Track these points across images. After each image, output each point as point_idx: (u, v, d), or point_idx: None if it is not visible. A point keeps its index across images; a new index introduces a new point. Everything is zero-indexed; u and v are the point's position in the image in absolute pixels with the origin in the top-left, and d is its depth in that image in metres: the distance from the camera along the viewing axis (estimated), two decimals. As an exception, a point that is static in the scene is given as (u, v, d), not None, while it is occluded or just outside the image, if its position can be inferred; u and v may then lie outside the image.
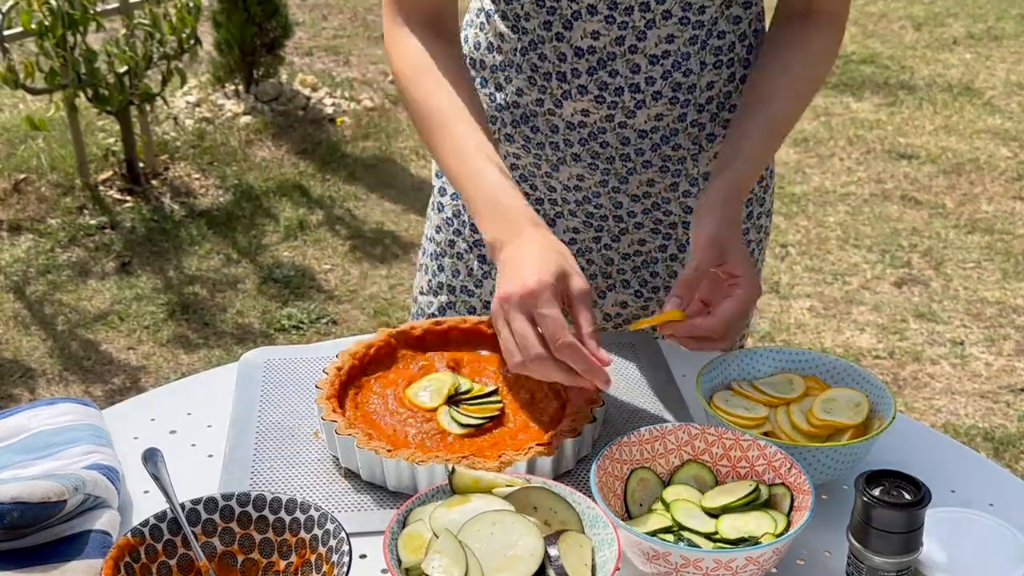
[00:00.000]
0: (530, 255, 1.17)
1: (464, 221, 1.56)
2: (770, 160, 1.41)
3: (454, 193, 1.56)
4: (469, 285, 1.58)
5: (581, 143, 1.43)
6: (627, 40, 1.35)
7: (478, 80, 1.48)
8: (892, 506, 0.95)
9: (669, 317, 1.27)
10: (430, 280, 1.63)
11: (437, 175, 1.60)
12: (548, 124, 1.44)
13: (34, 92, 4.07)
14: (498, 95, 1.46)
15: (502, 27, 1.41)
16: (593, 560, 1.01)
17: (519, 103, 1.44)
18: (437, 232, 1.60)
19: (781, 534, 1.04)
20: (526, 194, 1.51)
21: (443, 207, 1.59)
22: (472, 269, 1.57)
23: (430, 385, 1.29)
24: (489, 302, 1.56)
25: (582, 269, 1.53)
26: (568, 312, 1.17)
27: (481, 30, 1.45)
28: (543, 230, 1.23)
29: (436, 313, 1.62)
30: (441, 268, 1.61)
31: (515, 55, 1.41)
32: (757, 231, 1.57)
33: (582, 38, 1.36)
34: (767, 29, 1.43)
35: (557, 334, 1.11)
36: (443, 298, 1.61)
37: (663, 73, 1.37)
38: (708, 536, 1.06)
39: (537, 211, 1.49)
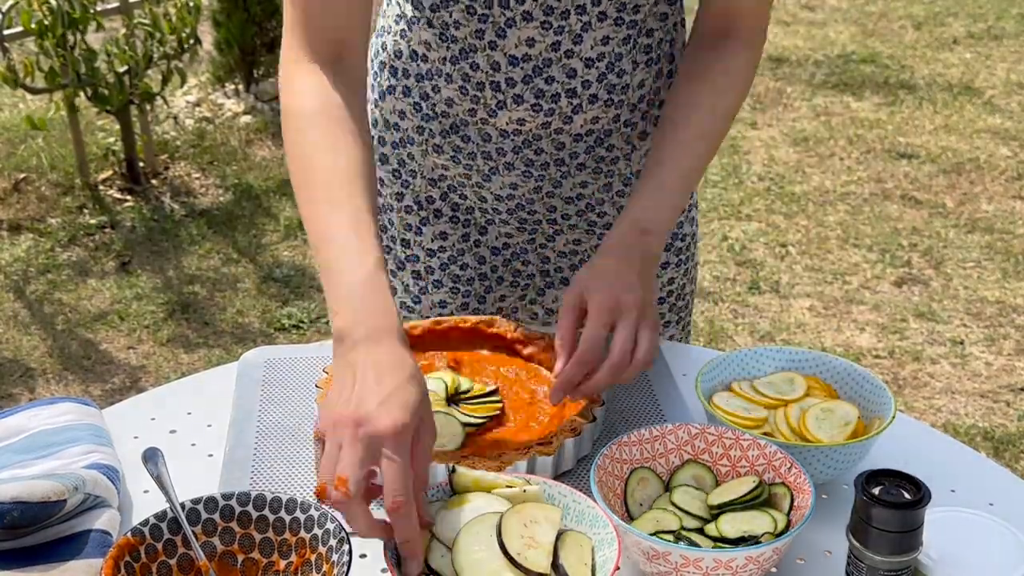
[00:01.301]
0: (390, 380, 0.99)
1: (393, 237, 1.52)
2: (695, 187, 1.35)
3: (380, 206, 1.50)
4: (407, 301, 1.55)
5: (515, 151, 1.40)
6: (563, 45, 1.31)
7: (400, 89, 1.41)
8: (892, 506, 0.95)
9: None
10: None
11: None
12: (480, 134, 1.40)
13: (34, 91, 4.07)
14: (424, 105, 1.40)
15: (427, 35, 1.35)
16: (593, 560, 1.01)
17: (449, 113, 1.39)
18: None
19: (781, 534, 1.04)
20: (456, 204, 1.49)
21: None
22: (408, 285, 1.55)
23: (430, 384, 1.29)
24: (427, 317, 1.53)
25: (518, 271, 1.54)
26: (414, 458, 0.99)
27: (402, 37, 1.38)
28: (403, 347, 1.04)
29: None
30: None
31: (444, 64, 1.35)
32: (691, 224, 1.54)
33: (516, 46, 1.31)
34: (687, 45, 1.39)
35: (399, 492, 0.94)
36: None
37: (598, 76, 1.34)
38: (708, 535, 1.06)
39: (468, 220, 1.49)
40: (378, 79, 1.45)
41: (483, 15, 1.30)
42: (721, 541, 1.05)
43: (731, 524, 1.06)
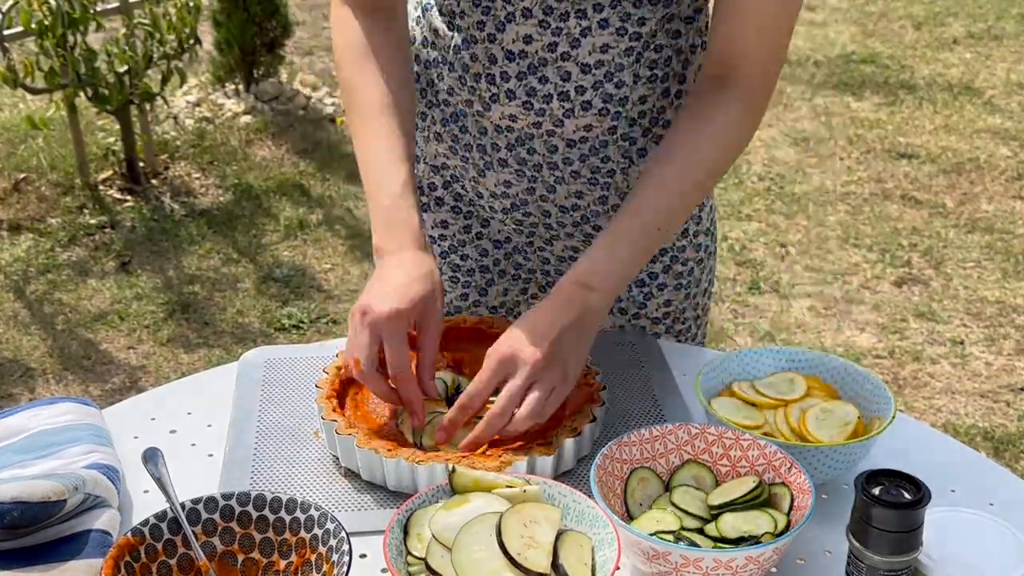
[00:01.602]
0: (399, 277, 1.22)
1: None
2: (656, 247, 1.29)
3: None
4: None
5: (508, 148, 1.40)
6: (560, 47, 1.30)
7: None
8: (892, 505, 0.95)
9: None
10: None
11: None
12: (477, 126, 1.40)
13: (34, 92, 4.07)
14: (428, 91, 1.44)
15: (438, 22, 1.38)
16: (593, 559, 1.01)
17: (449, 102, 1.41)
18: None
19: (781, 533, 1.04)
20: (458, 195, 1.50)
21: None
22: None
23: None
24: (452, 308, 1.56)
25: (519, 264, 1.55)
26: (419, 337, 1.23)
27: (417, 24, 1.42)
28: (423, 253, 1.25)
29: None
30: None
31: (448, 52, 1.38)
32: (695, 250, 1.50)
33: (514, 41, 1.31)
34: (690, 89, 1.35)
35: (396, 366, 1.18)
36: None
37: (594, 83, 1.33)
38: (708, 535, 1.06)
39: (471, 212, 1.51)
40: None
41: (486, 7, 1.31)
42: (721, 541, 1.05)
43: (731, 524, 1.06)
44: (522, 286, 1.56)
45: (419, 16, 1.42)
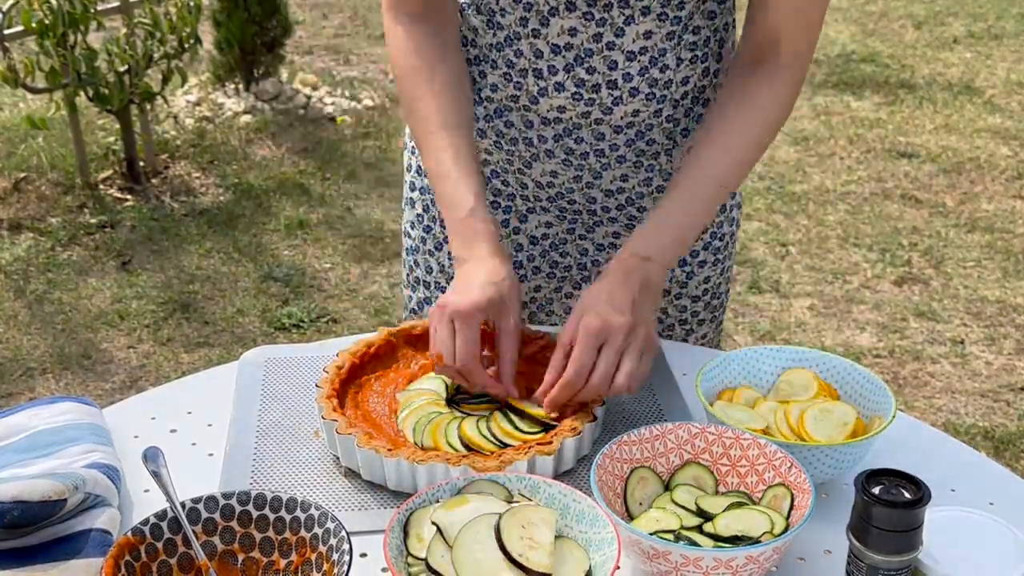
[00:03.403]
0: (478, 278, 1.25)
1: (434, 217, 1.56)
2: (705, 223, 1.34)
3: (423, 187, 1.56)
4: (442, 282, 1.58)
5: (555, 139, 1.43)
6: (605, 36, 1.33)
7: None
8: (892, 505, 0.95)
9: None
10: (407, 274, 1.63)
11: (407, 169, 1.60)
12: (523, 120, 1.43)
13: (34, 91, 4.07)
14: (471, 89, 1.44)
15: (475, 21, 1.39)
16: (589, 564, 1.01)
17: (493, 98, 1.43)
18: (411, 228, 1.60)
19: (781, 533, 1.04)
20: (498, 190, 1.51)
21: (414, 203, 1.58)
22: (444, 266, 1.57)
23: (430, 384, 1.29)
24: None
25: (555, 262, 1.55)
26: (497, 339, 1.26)
27: None
28: (500, 259, 1.28)
29: (416, 308, 1.62)
30: (416, 264, 1.61)
31: (490, 51, 1.40)
32: (730, 224, 1.56)
33: (559, 35, 1.34)
34: (729, 68, 1.39)
35: (464, 355, 1.22)
36: (420, 293, 1.61)
37: (640, 69, 1.36)
38: (707, 534, 1.06)
39: (510, 207, 1.52)
40: None
41: (528, 3, 1.33)
42: (716, 539, 1.05)
43: (726, 523, 1.06)
44: (556, 284, 1.56)
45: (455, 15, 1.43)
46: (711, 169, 1.32)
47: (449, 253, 1.54)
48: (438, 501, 1.05)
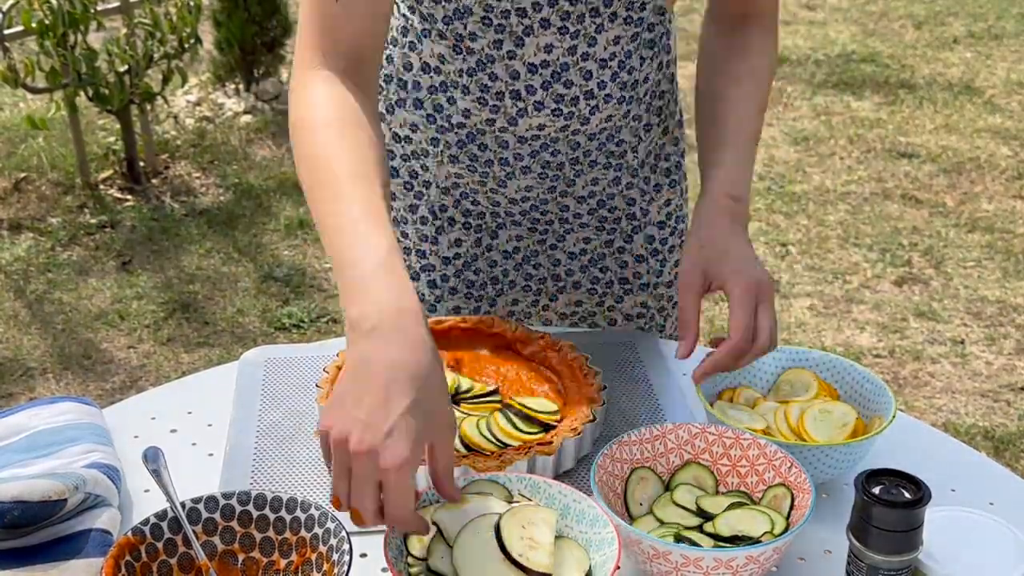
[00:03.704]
0: (401, 397, 0.95)
1: (408, 248, 1.53)
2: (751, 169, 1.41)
3: (395, 219, 1.51)
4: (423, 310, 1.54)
5: (532, 155, 1.41)
6: (579, 48, 1.32)
7: (410, 102, 1.41)
8: (892, 505, 0.95)
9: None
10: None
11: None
12: (497, 141, 1.40)
13: (35, 91, 4.07)
14: (438, 116, 1.40)
15: (440, 48, 1.34)
16: (589, 564, 1.01)
17: (465, 124, 1.39)
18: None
19: (781, 533, 1.04)
20: (467, 211, 1.49)
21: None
22: (423, 295, 1.55)
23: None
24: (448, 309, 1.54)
25: (529, 275, 1.54)
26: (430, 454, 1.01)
27: (411, 50, 1.38)
28: (419, 331, 1.00)
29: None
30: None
31: (459, 76, 1.35)
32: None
33: (535, 53, 1.32)
34: (702, 36, 1.46)
35: (397, 518, 0.96)
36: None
37: (612, 75, 1.36)
38: (707, 533, 1.06)
39: (480, 226, 1.50)
40: (384, 92, 1.44)
41: (500, 25, 1.30)
42: (716, 539, 1.05)
43: (726, 523, 1.06)
44: (533, 297, 1.56)
45: (412, 42, 1.37)
46: (748, 102, 1.39)
47: (429, 281, 1.53)
48: (438, 501, 1.05)
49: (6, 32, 3.98)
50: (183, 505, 1.04)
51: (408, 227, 1.52)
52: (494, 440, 1.19)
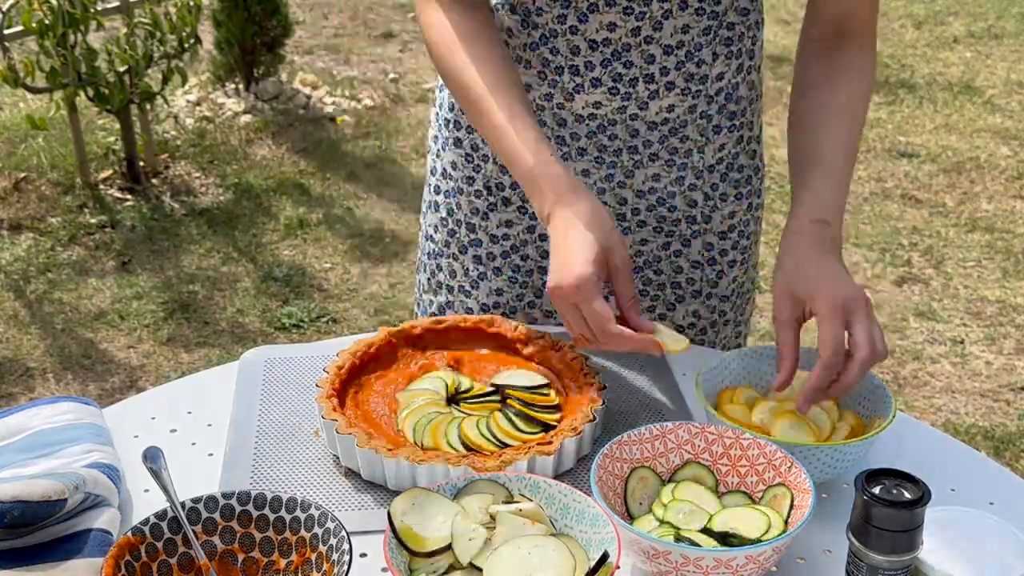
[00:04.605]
0: (572, 241, 1.21)
1: (459, 220, 1.55)
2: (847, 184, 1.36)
3: (448, 191, 1.55)
4: (466, 286, 1.57)
5: (589, 136, 1.43)
6: (643, 31, 1.35)
7: None
8: (892, 505, 0.95)
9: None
10: (429, 279, 1.62)
11: (431, 172, 1.59)
12: (556, 118, 1.43)
13: (35, 91, 4.07)
14: None
15: (509, 22, 1.40)
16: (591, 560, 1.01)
17: None
18: (435, 231, 1.59)
19: (781, 533, 1.04)
20: (524, 194, 1.48)
21: (438, 206, 1.58)
22: (468, 269, 1.56)
23: (430, 384, 1.29)
24: (485, 304, 1.56)
25: None
26: (612, 283, 1.25)
27: None
28: (579, 196, 1.24)
29: (436, 312, 1.62)
30: (439, 267, 1.60)
31: (523, 50, 1.40)
32: (756, 223, 1.56)
33: (597, 30, 1.35)
34: (799, 55, 1.42)
35: (602, 327, 1.20)
36: (442, 298, 1.60)
37: (677, 63, 1.37)
38: (707, 533, 1.06)
39: (535, 213, 1.49)
40: None
41: (566, 1, 1.33)
42: (717, 538, 1.05)
43: (725, 521, 1.06)
44: None
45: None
46: (841, 138, 1.33)
47: (475, 256, 1.55)
48: (445, 495, 1.05)
49: (6, 32, 3.98)
50: (183, 505, 1.04)
51: (462, 198, 1.53)
52: (494, 440, 1.19)
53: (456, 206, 1.55)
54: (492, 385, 1.27)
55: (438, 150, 1.56)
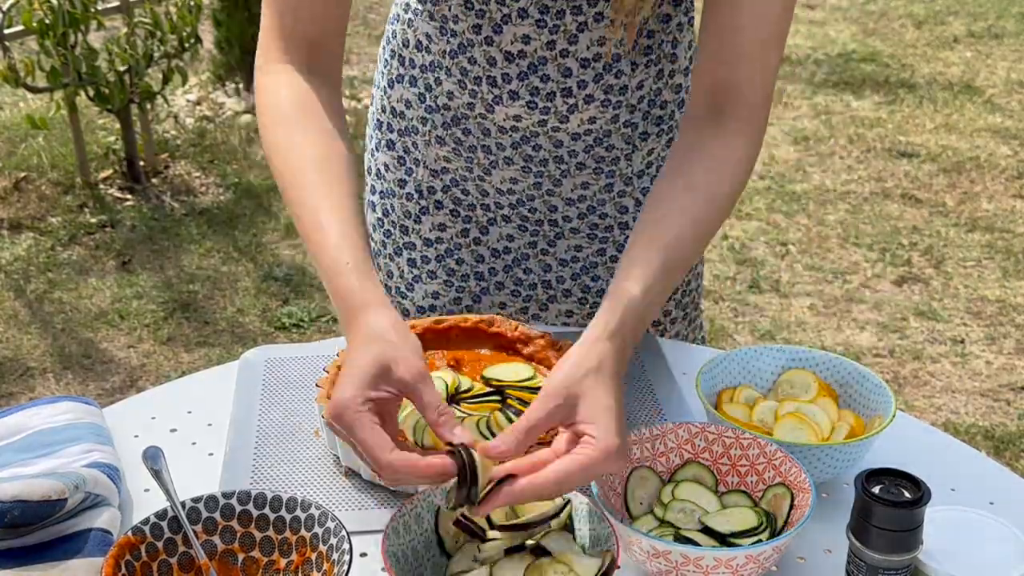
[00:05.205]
0: (348, 364, 1.03)
1: (393, 222, 1.53)
2: (664, 300, 1.15)
3: (383, 191, 1.53)
4: (402, 287, 1.56)
5: (513, 147, 1.40)
6: (558, 44, 1.31)
7: (407, 79, 1.43)
8: (892, 504, 0.95)
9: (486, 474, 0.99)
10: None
11: (368, 171, 1.57)
12: (480, 127, 1.40)
13: (35, 91, 4.07)
14: (427, 96, 1.42)
15: (428, 28, 1.37)
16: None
17: (450, 106, 1.40)
18: (372, 231, 1.58)
19: (781, 533, 1.04)
20: (458, 199, 1.48)
21: (375, 206, 1.56)
22: (403, 272, 1.55)
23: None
24: (421, 307, 1.55)
25: (519, 279, 1.52)
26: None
27: (408, 27, 1.40)
28: (367, 311, 1.07)
29: None
30: (379, 267, 1.58)
31: (444, 57, 1.37)
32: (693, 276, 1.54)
33: (512, 42, 1.32)
34: (681, 123, 1.29)
35: (373, 457, 0.98)
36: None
37: (595, 76, 1.34)
38: (707, 532, 1.06)
39: (469, 217, 1.49)
40: (388, 67, 1.46)
41: (480, 10, 1.30)
42: (717, 538, 1.05)
43: (724, 520, 1.06)
44: (521, 304, 1.54)
45: (409, 20, 1.40)
46: (676, 226, 1.15)
47: (409, 259, 1.54)
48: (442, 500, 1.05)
49: (6, 32, 3.98)
50: (183, 505, 1.04)
51: (395, 200, 1.52)
52: None
53: (390, 207, 1.53)
54: (481, 378, 1.27)
55: (372, 149, 1.55)
